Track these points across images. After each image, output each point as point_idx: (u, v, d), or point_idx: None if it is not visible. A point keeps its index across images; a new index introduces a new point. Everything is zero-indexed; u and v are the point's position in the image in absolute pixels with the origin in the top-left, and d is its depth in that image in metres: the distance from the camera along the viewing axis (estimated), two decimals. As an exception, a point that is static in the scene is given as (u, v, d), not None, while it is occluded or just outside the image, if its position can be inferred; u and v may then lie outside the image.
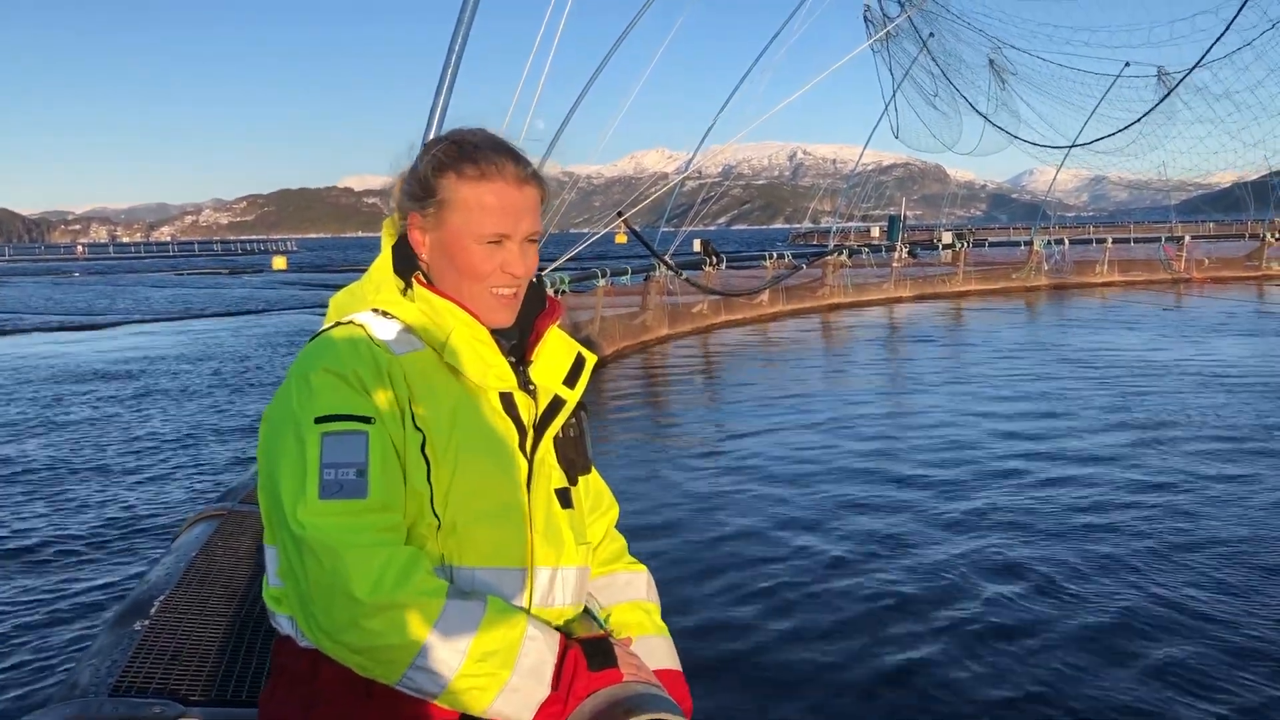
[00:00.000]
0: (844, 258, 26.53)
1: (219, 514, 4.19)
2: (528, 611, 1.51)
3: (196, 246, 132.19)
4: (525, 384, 1.62)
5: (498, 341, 1.60)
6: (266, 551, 1.52)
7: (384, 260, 1.65)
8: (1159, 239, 34.37)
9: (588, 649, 1.44)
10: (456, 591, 1.41)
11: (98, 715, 2.42)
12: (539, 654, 1.39)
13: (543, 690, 1.38)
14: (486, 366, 1.55)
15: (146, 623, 3.02)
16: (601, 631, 1.52)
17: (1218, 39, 22.17)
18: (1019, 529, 6.28)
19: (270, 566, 1.52)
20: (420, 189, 1.59)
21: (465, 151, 1.57)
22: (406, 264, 1.63)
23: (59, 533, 7.06)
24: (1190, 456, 8.01)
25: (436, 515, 1.47)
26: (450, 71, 5.15)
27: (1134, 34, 32.06)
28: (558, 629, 1.55)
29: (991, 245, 36.70)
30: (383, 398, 1.47)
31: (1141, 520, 6.36)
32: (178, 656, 2.80)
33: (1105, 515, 6.50)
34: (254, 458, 1.60)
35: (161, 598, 3.24)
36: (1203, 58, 23.88)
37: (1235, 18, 20.78)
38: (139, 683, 2.61)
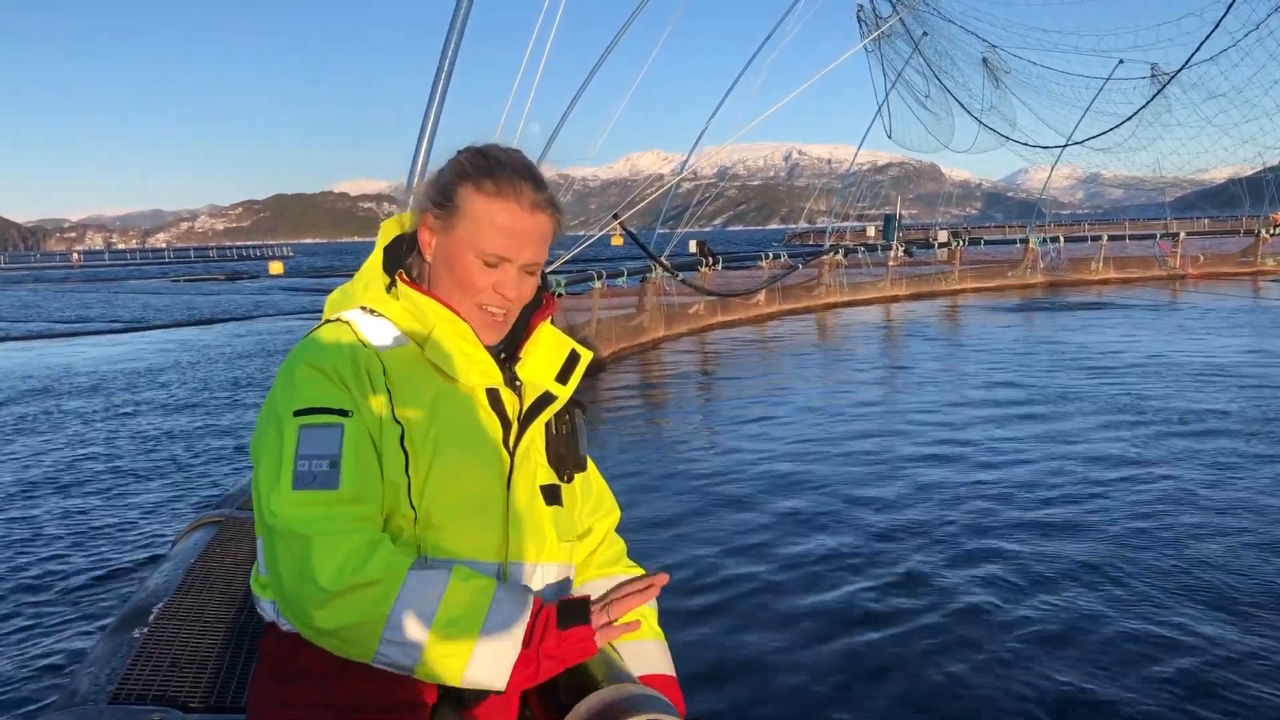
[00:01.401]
0: (840, 257, 26.55)
1: (217, 520, 4.20)
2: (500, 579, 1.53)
3: (193, 253, 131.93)
4: (511, 380, 1.64)
5: None
6: (258, 541, 1.54)
7: (375, 259, 1.68)
8: (1154, 236, 34.41)
9: (561, 608, 1.46)
10: (419, 563, 1.44)
11: (98, 722, 2.42)
12: (507, 614, 1.40)
13: (514, 650, 1.39)
14: (470, 363, 1.57)
15: (146, 629, 3.03)
16: (583, 596, 1.53)
17: (1205, 38, 22.35)
18: (1026, 527, 6.30)
19: (261, 556, 1.55)
20: (438, 193, 1.60)
21: (489, 167, 1.58)
22: (395, 263, 1.66)
23: (58, 540, 7.05)
24: (1190, 449, 8.03)
25: (413, 507, 1.50)
26: (443, 77, 5.16)
27: (1122, 38, 32.07)
28: None
29: (987, 244, 36.74)
30: (362, 392, 1.50)
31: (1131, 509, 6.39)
32: (177, 663, 2.81)
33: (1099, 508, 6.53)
34: (249, 464, 1.63)
35: (160, 604, 3.24)
36: (1190, 58, 24.06)
37: (1222, 19, 20.99)
38: (138, 690, 2.62)
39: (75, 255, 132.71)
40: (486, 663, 1.38)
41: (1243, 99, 32.07)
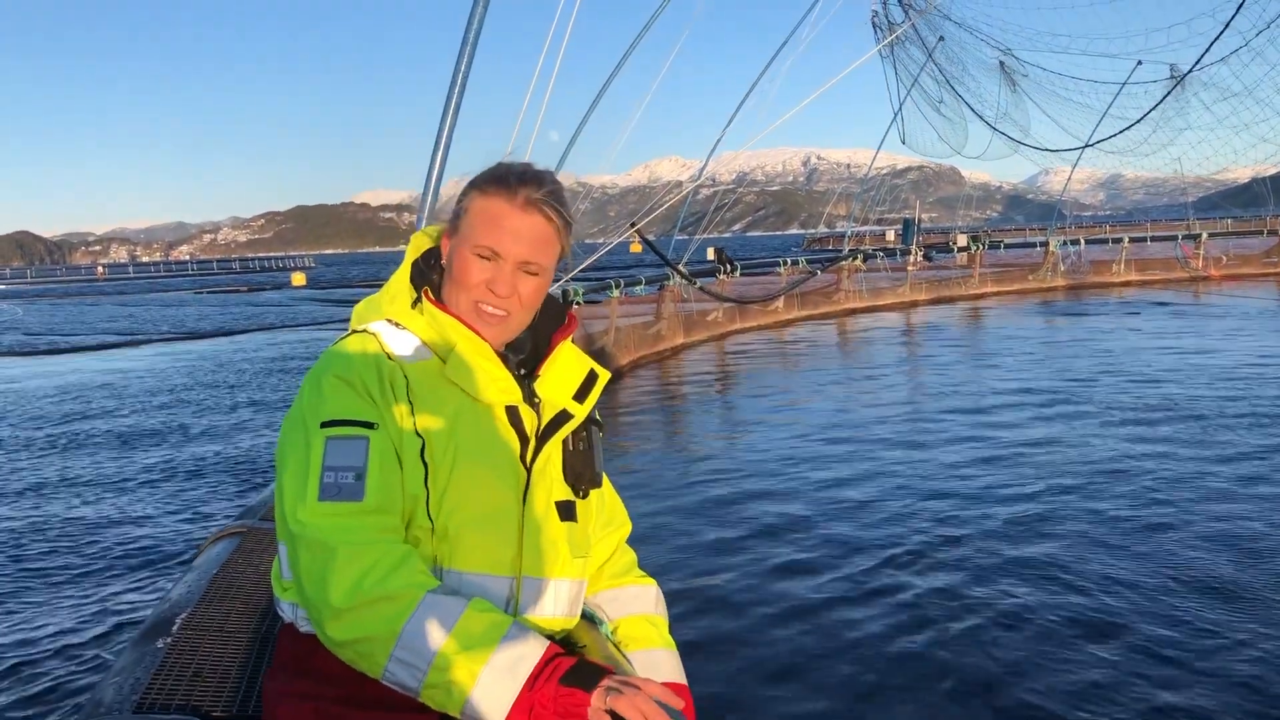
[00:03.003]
0: (859, 262, 26.46)
1: (240, 531, 4.23)
2: (515, 616, 1.54)
3: (215, 264, 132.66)
4: (530, 397, 1.67)
5: (506, 355, 1.66)
6: (280, 547, 1.58)
7: (403, 272, 1.73)
8: (1176, 237, 34.07)
9: (575, 667, 1.39)
10: (442, 589, 1.44)
11: (122, 732, 2.45)
12: (517, 653, 1.37)
13: (515, 689, 1.35)
14: (490, 381, 1.60)
15: (169, 640, 3.06)
16: (608, 665, 1.46)
17: (1214, 39, 22.29)
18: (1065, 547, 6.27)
19: (284, 560, 1.58)
20: (455, 204, 1.69)
21: (494, 172, 1.66)
22: (421, 279, 1.72)
23: (82, 552, 7.13)
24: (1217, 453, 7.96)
25: (430, 519, 1.52)
26: (458, 87, 5.20)
27: (1132, 41, 31.83)
28: (554, 639, 1.57)
29: (1007, 247, 36.50)
30: (386, 404, 1.53)
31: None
32: (200, 673, 2.83)
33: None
34: (273, 476, 1.67)
35: (183, 615, 3.27)
36: (1200, 59, 23.99)
37: (1231, 19, 20.99)
38: (162, 699, 2.65)
39: (100, 269, 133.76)
40: (487, 697, 1.35)
41: (1253, 99, 31.85)
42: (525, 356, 1.71)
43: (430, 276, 1.71)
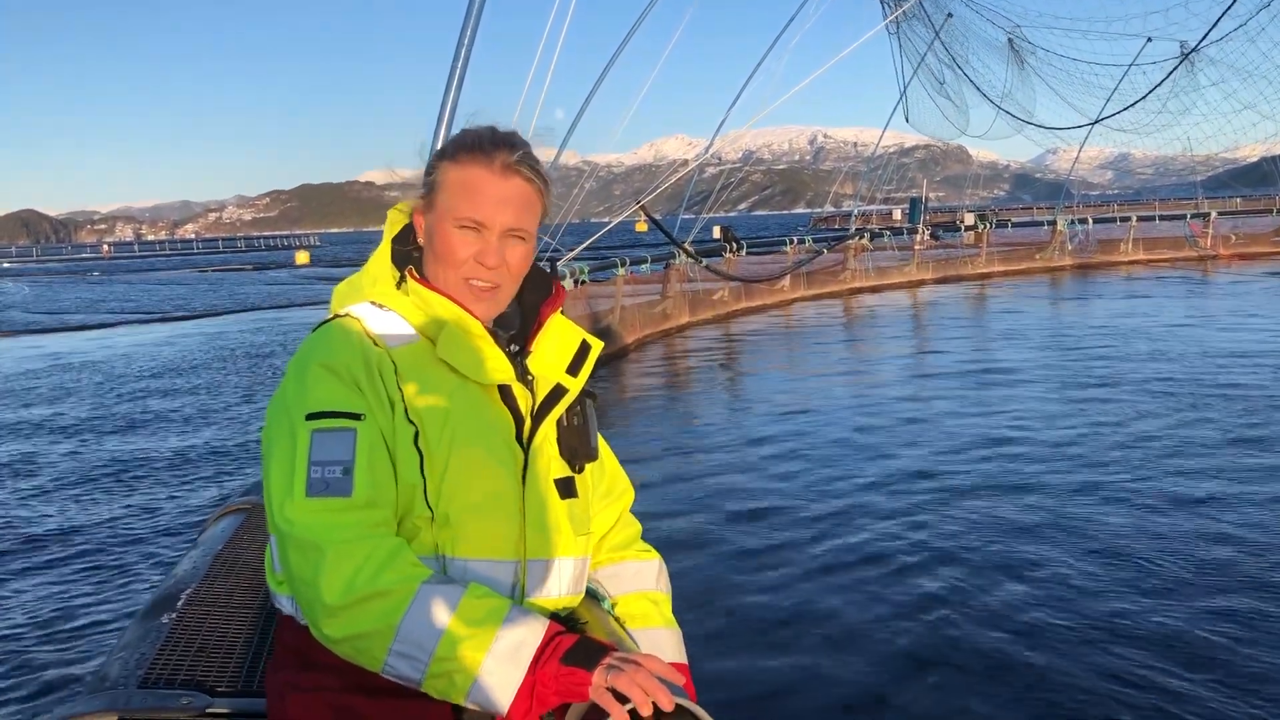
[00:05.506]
0: (865, 241, 26.36)
1: (245, 507, 4.23)
2: (514, 599, 1.51)
3: (220, 243, 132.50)
4: (523, 374, 1.62)
5: (496, 330, 1.61)
6: (271, 540, 1.55)
7: (382, 252, 1.67)
8: (1184, 216, 33.83)
9: (576, 645, 1.37)
10: (436, 578, 1.41)
11: (127, 707, 2.45)
12: (518, 637, 1.35)
13: (519, 674, 1.33)
14: (480, 360, 1.55)
15: (174, 615, 3.06)
16: (610, 642, 1.44)
17: (1214, 24, 22.28)
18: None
19: (275, 554, 1.55)
20: (424, 174, 1.63)
21: (463, 139, 1.60)
22: (403, 257, 1.66)
23: (88, 528, 7.16)
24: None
25: (430, 507, 1.48)
26: (460, 65, 5.16)
27: (1130, 24, 31.52)
28: (557, 617, 1.56)
29: (1015, 226, 36.29)
30: (374, 392, 1.48)
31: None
32: (204, 649, 2.83)
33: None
34: (261, 458, 1.64)
35: (188, 591, 3.27)
36: (1202, 40, 23.96)
37: (1232, 4, 20.96)
38: (167, 674, 2.65)
39: (106, 247, 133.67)
40: (491, 684, 1.33)
41: (1260, 76, 31.69)
42: (515, 332, 1.66)
43: (412, 255, 1.65)
